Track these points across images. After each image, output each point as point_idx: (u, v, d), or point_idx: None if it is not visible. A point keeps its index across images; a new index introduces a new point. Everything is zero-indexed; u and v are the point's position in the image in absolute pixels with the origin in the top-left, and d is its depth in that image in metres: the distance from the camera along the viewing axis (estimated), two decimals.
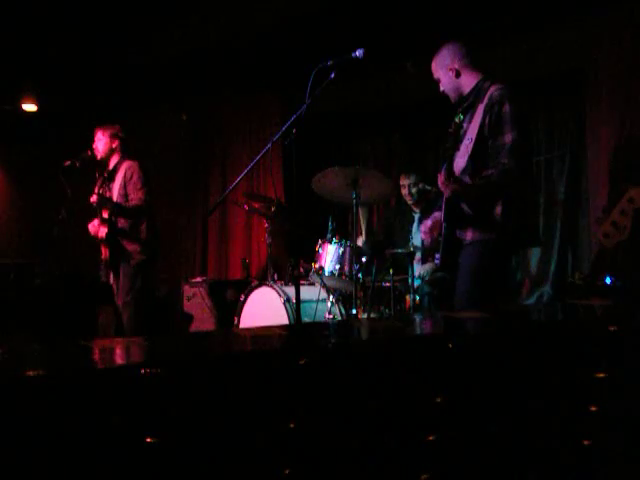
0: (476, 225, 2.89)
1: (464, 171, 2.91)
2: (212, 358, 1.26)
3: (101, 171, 4.61)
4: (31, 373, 1.05)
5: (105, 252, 4.53)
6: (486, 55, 3.15)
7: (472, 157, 2.87)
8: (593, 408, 1.49)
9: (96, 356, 1.32)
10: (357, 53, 2.88)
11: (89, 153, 4.59)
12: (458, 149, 2.95)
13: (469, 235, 2.91)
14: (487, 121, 2.85)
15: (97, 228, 4.49)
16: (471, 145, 2.88)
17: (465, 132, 2.96)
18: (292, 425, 1.19)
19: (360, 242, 4.64)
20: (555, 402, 1.47)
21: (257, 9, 4.99)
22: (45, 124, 6.97)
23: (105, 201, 4.38)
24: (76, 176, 4.51)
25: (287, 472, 1.17)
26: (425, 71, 3.22)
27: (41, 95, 6.58)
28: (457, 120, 2.94)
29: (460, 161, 2.94)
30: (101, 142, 4.58)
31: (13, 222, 7.38)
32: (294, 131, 2.93)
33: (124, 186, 4.47)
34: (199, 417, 1.11)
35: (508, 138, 2.80)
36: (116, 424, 1.04)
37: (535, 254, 5.14)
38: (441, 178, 2.89)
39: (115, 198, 4.46)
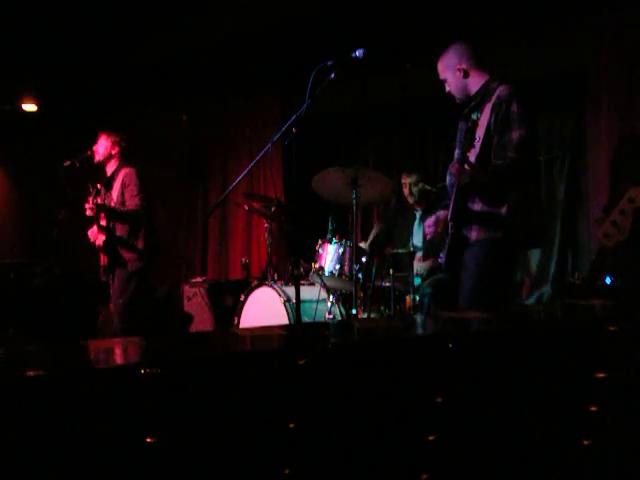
0: (482, 224, 2.89)
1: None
2: (212, 358, 1.26)
3: (94, 181, 4.60)
4: (31, 373, 1.05)
5: (104, 259, 4.54)
6: (486, 55, 3.15)
7: (480, 156, 2.87)
8: (593, 408, 1.49)
9: (96, 356, 1.32)
10: (357, 53, 2.88)
11: (89, 153, 4.60)
12: (474, 146, 2.94)
13: (474, 234, 2.91)
14: (494, 119, 2.86)
15: (96, 235, 4.50)
16: (479, 144, 2.88)
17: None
18: (292, 425, 1.19)
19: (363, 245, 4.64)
20: (555, 402, 1.47)
21: (257, 9, 4.99)
22: (45, 124, 6.97)
23: (100, 208, 4.37)
24: (76, 176, 4.51)
25: (287, 472, 1.17)
26: (425, 71, 3.22)
27: (41, 95, 6.58)
28: (474, 117, 2.93)
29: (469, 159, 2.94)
30: (102, 146, 4.59)
31: (13, 222, 7.38)
32: (294, 131, 2.93)
33: (122, 193, 4.48)
34: (199, 417, 1.11)
35: (515, 134, 2.81)
36: (116, 424, 1.04)
37: (535, 254, 5.13)
38: (455, 166, 2.88)
39: (114, 205, 4.47)
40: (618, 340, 1.56)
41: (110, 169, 4.61)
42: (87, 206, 4.33)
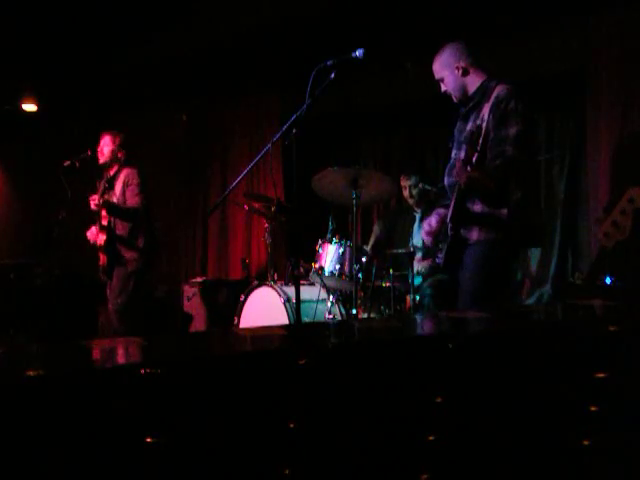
0: (482, 225, 2.88)
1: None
2: (212, 358, 1.26)
3: (100, 178, 4.62)
4: (31, 373, 1.05)
5: (103, 259, 4.54)
6: (486, 55, 3.15)
7: (479, 158, 2.86)
8: (593, 408, 1.49)
9: (96, 356, 1.32)
10: (357, 53, 2.88)
11: (89, 153, 4.61)
12: (477, 150, 2.93)
13: (474, 235, 2.90)
14: (491, 118, 2.85)
15: (96, 235, 4.51)
16: (478, 147, 2.87)
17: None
18: (292, 425, 1.19)
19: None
20: (555, 402, 1.47)
21: (257, 9, 4.98)
22: (45, 124, 6.97)
23: (105, 204, 4.38)
24: (76, 176, 4.52)
25: (287, 472, 1.17)
26: (425, 71, 3.22)
27: (41, 95, 6.58)
28: (479, 122, 2.93)
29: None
30: (107, 148, 4.61)
31: (13, 222, 7.38)
32: (294, 131, 2.93)
33: (123, 192, 4.50)
34: (199, 417, 1.11)
35: (512, 130, 2.80)
36: (116, 424, 1.04)
37: (535, 254, 5.13)
38: (458, 166, 2.87)
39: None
40: (618, 340, 1.56)
41: (113, 169, 4.63)
42: (92, 201, 4.35)
